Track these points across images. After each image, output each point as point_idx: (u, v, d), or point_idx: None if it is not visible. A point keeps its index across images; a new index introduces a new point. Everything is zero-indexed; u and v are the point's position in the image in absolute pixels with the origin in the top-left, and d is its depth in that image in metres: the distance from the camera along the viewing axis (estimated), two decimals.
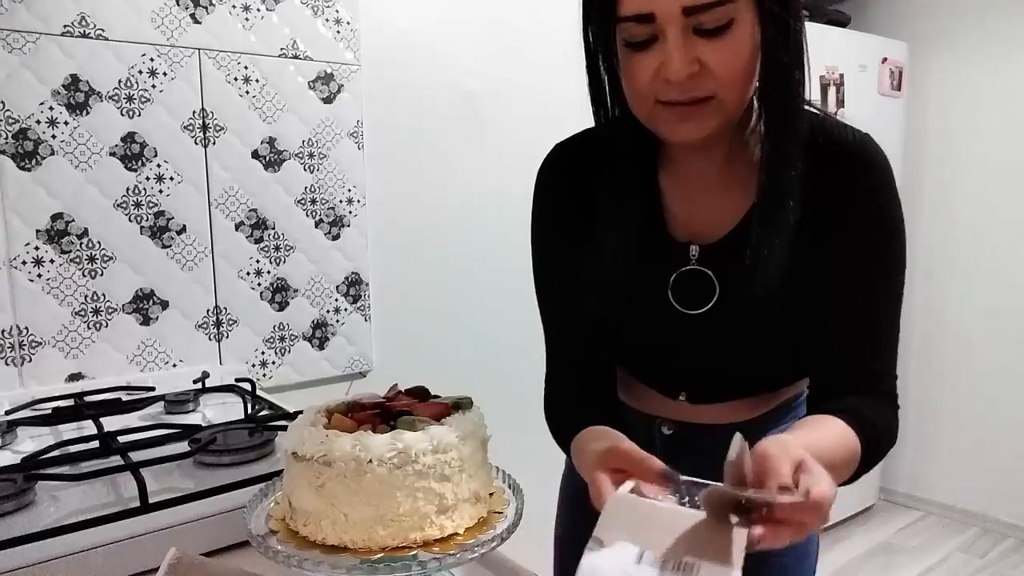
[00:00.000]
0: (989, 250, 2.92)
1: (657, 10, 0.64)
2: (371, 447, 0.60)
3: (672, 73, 0.65)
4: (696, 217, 0.79)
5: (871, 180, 0.73)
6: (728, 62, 0.66)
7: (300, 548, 0.61)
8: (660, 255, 0.78)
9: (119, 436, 1.02)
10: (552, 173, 0.86)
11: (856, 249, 0.73)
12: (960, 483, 3.06)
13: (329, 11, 1.59)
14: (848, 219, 0.73)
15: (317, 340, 1.64)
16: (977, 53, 2.90)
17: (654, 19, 0.65)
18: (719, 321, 0.76)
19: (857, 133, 0.76)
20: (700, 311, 0.76)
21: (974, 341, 2.99)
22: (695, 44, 0.65)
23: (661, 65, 0.66)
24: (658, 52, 0.66)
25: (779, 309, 0.73)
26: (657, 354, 0.82)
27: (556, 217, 0.84)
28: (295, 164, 1.57)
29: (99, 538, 0.74)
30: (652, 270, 0.78)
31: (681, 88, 0.67)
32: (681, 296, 0.77)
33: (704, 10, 0.63)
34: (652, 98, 0.69)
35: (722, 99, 0.68)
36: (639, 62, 0.68)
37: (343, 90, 1.63)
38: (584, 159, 0.83)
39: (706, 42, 0.65)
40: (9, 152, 1.25)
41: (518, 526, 0.65)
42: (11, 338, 1.27)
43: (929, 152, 3.08)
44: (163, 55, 1.39)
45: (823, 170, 0.72)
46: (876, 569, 2.71)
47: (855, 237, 0.73)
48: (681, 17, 0.64)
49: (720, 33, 0.65)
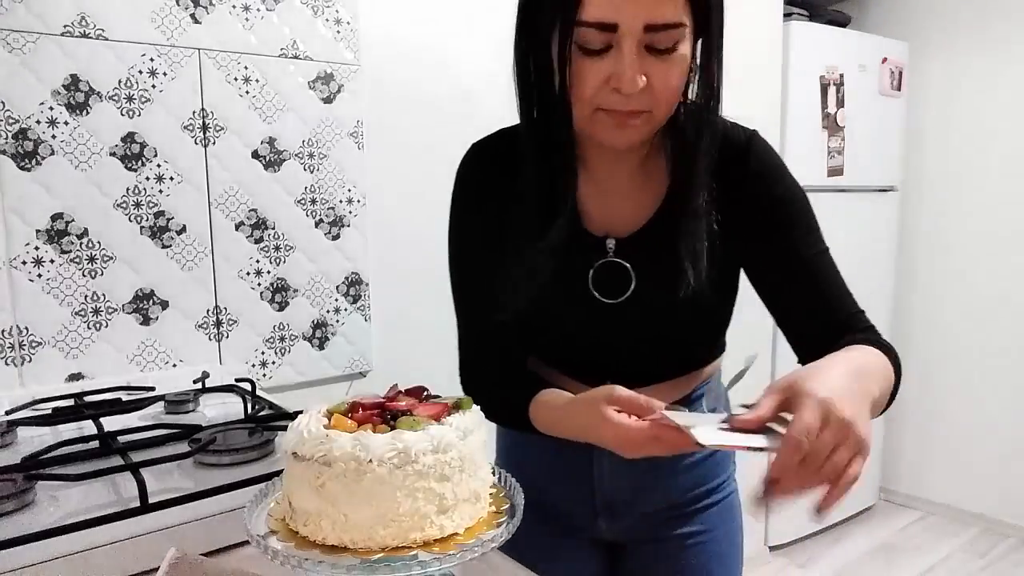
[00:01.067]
0: (989, 250, 2.92)
1: (621, 21, 0.68)
2: (371, 447, 0.59)
3: (625, 85, 0.70)
4: (610, 213, 0.85)
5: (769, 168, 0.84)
6: (668, 81, 0.72)
7: (300, 548, 0.61)
8: (579, 249, 0.83)
9: (119, 436, 1.02)
10: (471, 171, 0.91)
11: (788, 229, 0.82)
12: (960, 483, 3.06)
13: (329, 11, 1.59)
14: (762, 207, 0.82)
15: (317, 340, 1.64)
16: (977, 53, 2.90)
17: (616, 29, 0.69)
18: (637, 308, 0.83)
19: (744, 130, 0.85)
20: (619, 300, 0.83)
21: (974, 341, 2.99)
22: (644, 60, 0.71)
23: (612, 75, 0.71)
24: (610, 61, 0.71)
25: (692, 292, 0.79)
26: (582, 343, 0.87)
27: (475, 213, 0.89)
28: (295, 164, 1.57)
29: (99, 538, 0.75)
30: (572, 263, 0.83)
31: (626, 99, 0.72)
32: (601, 286, 0.83)
33: (662, 30, 0.69)
34: (594, 103, 0.74)
35: (655, 114, 0.75)
36: (590, 68, 0.72)
37: (343, 90, 1.63)
38: (501, 158, 0.88)
39: (653, 60, 0.71)
40: (9, 152, 1.25)
41: (518, 526, 0.65)
42: (11, 338, 1.28)
43: (929, 152, 3.08)
44: (163, 55, 1.39)
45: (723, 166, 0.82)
46: (876, 569, 2.71)
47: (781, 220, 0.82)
48: (641, 32, 0.69)
49: (666, 54, 0.71)
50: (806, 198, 0.85)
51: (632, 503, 0.92)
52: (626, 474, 0.91)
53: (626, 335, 0.85)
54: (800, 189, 0.86)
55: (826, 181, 2.63)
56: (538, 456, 0.93)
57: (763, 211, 0.83)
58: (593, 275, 0.83)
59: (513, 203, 0.84)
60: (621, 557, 0.99)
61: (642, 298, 0.83)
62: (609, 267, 0.83)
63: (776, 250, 0.83)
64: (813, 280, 0.82)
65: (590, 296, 0.84)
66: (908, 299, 3.16)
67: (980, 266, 2.95)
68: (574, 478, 0.93)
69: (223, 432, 1.00)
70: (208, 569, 0.63)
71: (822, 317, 0.81)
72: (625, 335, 0.85)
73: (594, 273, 0.83)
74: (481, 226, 0.88)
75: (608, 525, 0.94)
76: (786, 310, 0.84)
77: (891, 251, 3.03)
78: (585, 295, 0.84)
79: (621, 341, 0.85)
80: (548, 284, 0.82)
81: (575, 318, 0.85)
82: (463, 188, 0.91)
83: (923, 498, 3.18)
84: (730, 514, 0.98)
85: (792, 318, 0.84)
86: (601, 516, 0.94)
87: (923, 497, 3.18)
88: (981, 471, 2.99)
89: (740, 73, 2.52)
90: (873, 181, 2.85)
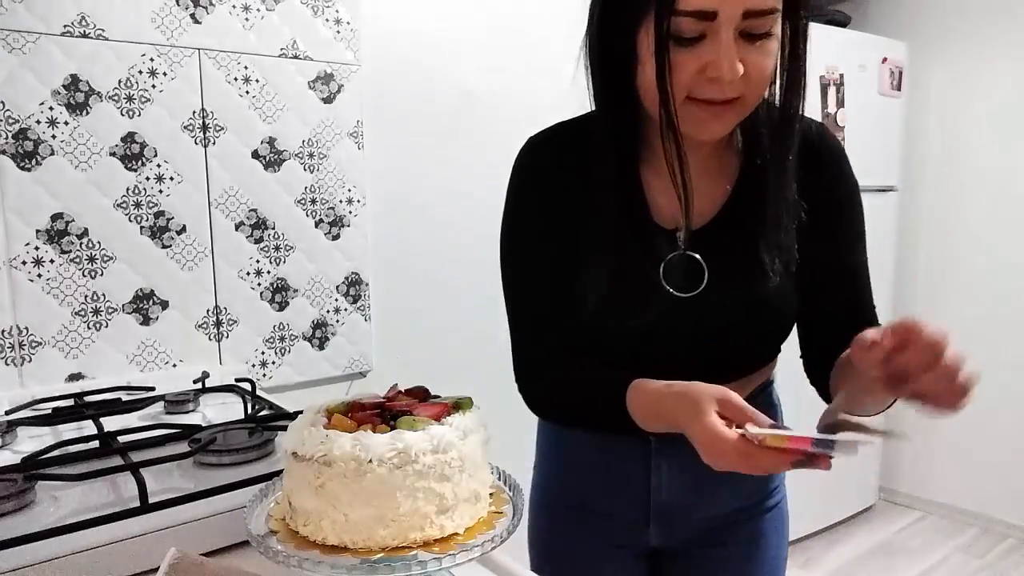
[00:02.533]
0: (989, 250, 2.92)
1: (721, 9, 0.66)
2: (371, 447, 0.60)
3: (726, 72, 0.68)
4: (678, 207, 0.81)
5: (841, 162, 0.85)
6: (762, 67, 0.70)
7: (300, 548, 0.61)
8: (649, 242, 0.81)
9: (119, 436, 1.02)
10: (531, 167, 0.87)
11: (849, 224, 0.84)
12: (960, 483, 3.06)
13: (329, 11, 1.59)
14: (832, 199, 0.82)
15: (317, 340, 1.64)
16: (977, 53, 2.90)
17: (714, 17, 0.67)
18: (709, 302, 0.80)
19: (813, 122, 0.85)
20: (693, 294, 0.80)
21: (974, 341, 2.97)
22: (740, 47, 0.69)
23: (709, 64, 0.69)
24: (706, 49, 0.68)
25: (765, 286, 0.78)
26: (651, 338, 0.83)
27: (536, 210, 0.85)
28: (295, 164, 1.57)
29: (99, 538, 0.74)
30: (642, 257, 0.81)
31: (722, 88, 0.70)
32: (673, 280, 0.80)
33: (759, 15, 0.67)
34: (685, 94, 0.71)
35: (747, 100, 0.73)
36: (685, 58, 0.69)
37: (343, 90, 1.63)
38: (561, 154, 0.85)
39: (748, 46, 0.69)
40: (9, 152, 1.25)
41: (518, 526, 0.65)
42: (11, 338, 1.28)
43: (929, 152, 3.08)
44: (163, 55, 1.39)
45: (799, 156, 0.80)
46: (876, 569, 2.71)
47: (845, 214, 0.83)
48: (739, 18, 0.67)
49: (760, 39, 0.69)
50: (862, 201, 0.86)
51: (688, 510, 0.90)
52: (684, 482, 0.88)
53: (697, 331, 0.81)
54: (859, 190, 0.86)
55: None
56: (591, 460, 0.91)
57: (829, 207, 0.82)
58: (665, 268, 0.80)
59: (580, 197, 0.82)
60: (668, 565, 0.96)
61: (716, 292, 0.80)
62: (680, 260, 0.81)
63: (830, 249, 0.82)
64: (854, 285, 0.84)
65: (662, 290, 0.80)
66: (908, 299, 3.15)
67: (980, 266, 2.95)
68: (629, 484, 0.90)
69: (223, 432, 1.00)
70: (208, 569, 0.63)
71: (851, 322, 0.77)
72: (696, 331, 0.81)
73: (666, 266, 0.80)
74: (543, 223, 0.85)
75: (659, 532, 0.91)
76: (821, 309, 0.84)
77: (891, 251, 3.02)
78: (657, 289, 0.80)
79: (691, 337, 0.82)
80: (619, 278, 0.80)
81: (646, 312, 0.81)
82: (521, 184, 0.87)
83: (923, 498, 3.18)
84: (781, 521, 0.95)
85: (824, 318, 0.84)
86: (654, 523, 0.91)
87: (923, 497, 3.18)
88: (981, 471, 2.99)
89: None
90: (873, 181, 2.84)
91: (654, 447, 0.87)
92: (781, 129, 0.78)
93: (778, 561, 0.95)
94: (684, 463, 0.83)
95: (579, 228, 0.82)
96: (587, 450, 0.92)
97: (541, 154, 0.87)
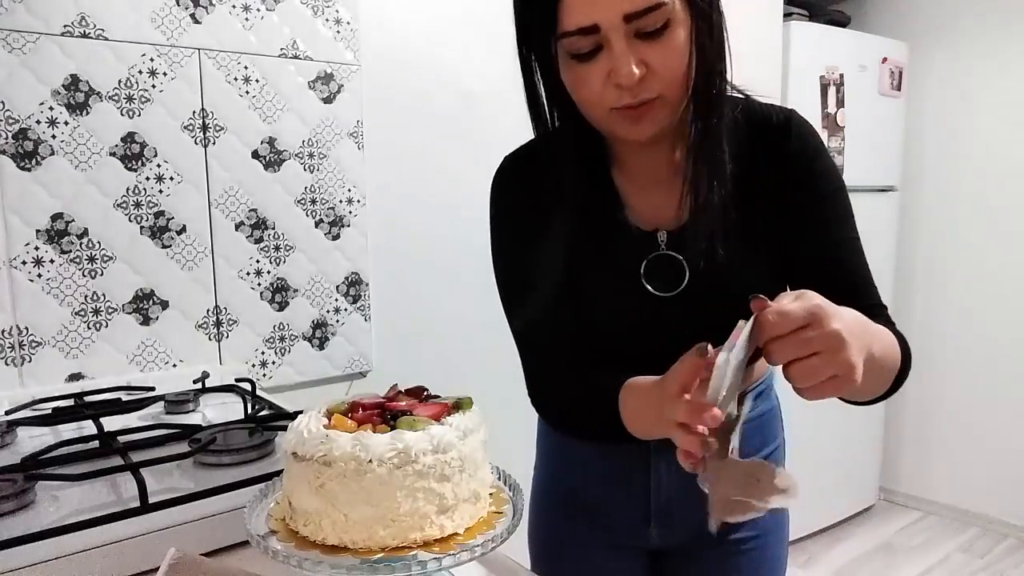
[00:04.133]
0: (989, 250, 2.92)
1: (600, 20, 0.68)
2: (371, 447, 0.60)
3: (623, 78, 0.69)
4: (656, 207, 0.83)
5: (809, 146, 0.82)
6: (669, 61, 0.71)
7: (300, 548, 0.61)
8: (629, 244, 0.82)
9: (119, 436, 1.02)
10: (508, 182, 0.90)
11: (821, 207, 0.81)
12: (960, 483, 3.06)
13: (329, 11, 1.59)
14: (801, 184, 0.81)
15: (317, 340, 1.64)
16: (977, 53, 2.90)
17: (598, 30, 0.68)
18: (691, 301, 0.81)
19: (783, 110, 0.84)
20: (673, 293, 0.82)
21: (974, 341, 2.99)
22: (638, 48, 0.69)
23: (610, 72, 0.70)
24: (604, 61, 0.70)
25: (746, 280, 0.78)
26: (636, 338, 0.85)
27: (517, 221, 0.88)
28: (295, 164, 1.57)
29: (99, 538, 0.74)
30: (623, 258, 0.83)
31: (631, 92, 0.71)
32: (655, 280, 0.82)
33: (643, 15, 0.67)
34: (605, 105, 0.73)
35: (667, 97, 0.73)
36: (588, 73, 0.72)
37: (343, 90, 1.63)
38: (536, 168, 0.87)
39: (648, 45, 0.69)
40: (9, 152, 1.25)
41: (518, 526, 0.65)
42: (11, 338, 1.28)
43: (929, 152, 3.08)
44: (163, 55, 1.39)
45: (757, 147, 0.80)
46: (876, 569, 2.71)
47: (817, 197, 0.81)
48: (623, 24, 0.68)
49: (659, 35, 0.69)
50: (843, 183, 0.84)
51: (688, 510, 0.89)
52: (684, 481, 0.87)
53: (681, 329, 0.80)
54: (838, 172, 0.85)
55: None
56: (591, 460, 0.92)
57: (803, 188, 0.81)
58: (645, 268, 0.82)
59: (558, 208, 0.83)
60: (669, 565, 0.96)
61: (696, 290, 0.81)
62: (660, 260, 0.82)
63: (810, 227, 0.81)
64: (841, 263, 0.81)
65: (643, 290, 0.82)
66: (908, 299, 3.16)
67: (980, 266, 2.95)
68: (629, 483, 0.91)
69: (223, 432, 1.00)
70: (208, 569, 0.63)
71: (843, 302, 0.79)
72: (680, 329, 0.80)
73: (646, 266, 0.82)
74: (526, 235, 0.86)
75: (659, 532, 0.92)
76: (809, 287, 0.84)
77: (891, 251, 3.03)
78: (639, 289, 0.82)
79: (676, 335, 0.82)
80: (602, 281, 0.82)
81: (630, 313, 0.84)
82: (502, 202, 0.90)
83: (923, 498, 3.18)
84: (780, 521, 0.96)
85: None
86: (654, 523, 0.91)
87: (923, 497, 3.18)
88: (981, 471, 2.99)
89: (740, 73, 2.52)
90: (873, 181, 2.85)
91: (652, 447, 0.87)
92: (705, 112, 0.77)
93: (778, 561, 0.96)
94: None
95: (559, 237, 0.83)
96: (587, 450, 0.93)
97: (517, 170, 0.90)
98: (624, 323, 0.84)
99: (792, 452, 1.02)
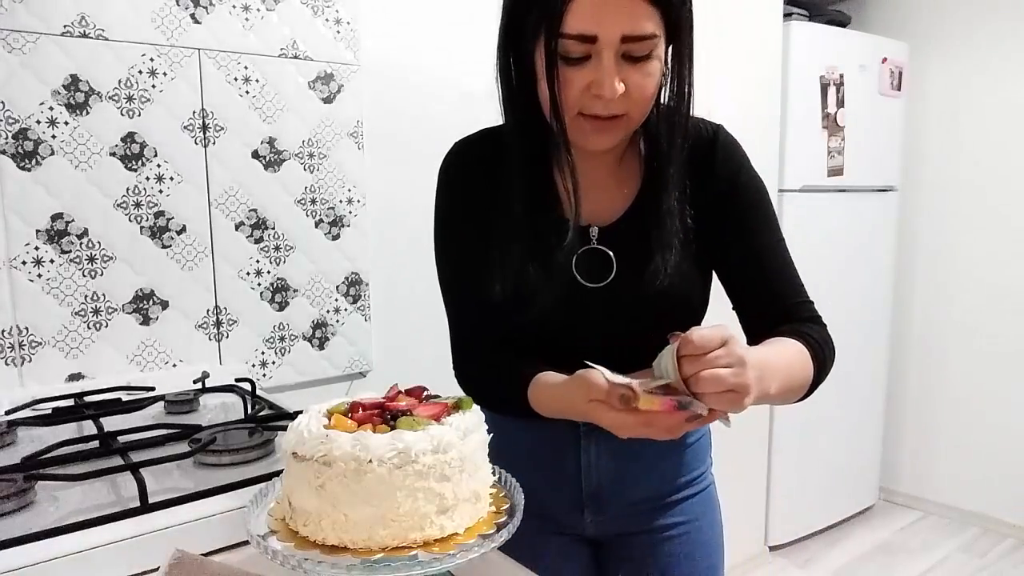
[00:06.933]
0: (989, 250, 2.92)
1: (601, 32, 0.74)
2: (371, 447, 0.60)
3: (606, 91, 0.76)
4: (593, 204, 0.89)
5: (733, 160, 0.91)
6: (643, 87, 0.78)
7: (300, 548, 0.61)
8: (562, 236, 0.87)
9: (119, 436, 1.02)
10: (455, 170, 0.95)
11: (746, 216, 0.91)
12: (960, 483, 3.06)
13: (329, 11, 1.59)
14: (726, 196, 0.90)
15: (317, 340, 1.64)
16: (977, 53, 2.90)
17: (595, 40, 0.75)
18: (617, 293, 0.88)
19: (710, 125, 0.92)
20: (601, 284, 0.88)
21: (974, 341, 2.99)
22: (622, 67, 0.77)
23: (593, 82, 0.77)
24: (590, 70, 0.77)
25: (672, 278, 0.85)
26: (567, 327, 0.89)
27: (460, 210, 0.93)
28: (295, 164, 1.57)
29: (99, 538, 0.74)
30: (558, 249, 0.87)
31: (605, 105, 0.78)
32: (585, 272, 0.88)
33: (637, 40, 0.75)
34: (576, 109, 0.80)
35: (631, 116, 0.81)
36: (572, 76, 0.77)
37: (343, 90, 1.63)
38: (483, 156, 0.93)
39: (630, 67, 0.77)
40: (9, 152, 1.25)
41: (518, 526, 0.65)
42: (11, 338, 1.28)
43: (929, 152, 3.08)
44: (163, 55, 1.39)
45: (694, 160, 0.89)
46: (876, 569, 2.71)
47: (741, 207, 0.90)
48: (618, 43, 0.75)
49: (641, 61, 0.77)
50: (766, 190, 0.93)
51: (618, 493, 0.94)
52: (612, 463, 0.93)
53: (608, 319, 0.88)
54: (761, 182, 0.93)
55: (826, 181, 2.63)
56: (523, 446, 0.94)
57: (727, 197, 0.90)
58: (577, 260, 0.88)
59: (499, 199, 0.88)
60: (606, 553, 1.00)
61: (622, 284, 0.88)
62: (593, 254, 0.89)
63: (735, 233, 0.90)
64: (765, 266, 0.90)
65: (574, 280, 0.88)
66: (907, 299, 3.16)
67: (980, 266, 2.95)
68: (561, 469, 0.94)
69: (223, 432, 1.00)
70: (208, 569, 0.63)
71: (769, 301, 0.89)
72: (607, 319, 0.88)
73: (578, 259, 0.88)
74: (467, 222, 0.92)
75: (593, 518, 0.96)
76: (739, 292, 0.92)
77: (890, 251, 3.02)
78: (570, 280, 0.88)
79: (603, 326, 0.89)
80: (536, 271, 0.86)
81: (560, 302, 0.88)
82: (448, 186, 0.95)
83: (923, 498, 3.18)
84: (710, 504, 1.01)
85: (743, 300, 0.92)
86: (587, 508, 0.95)
87: (923, 497, 3.18)
88: (981, 471, 2.99)
89: (740, 73, 2.52)
90: (873, 181, 2.85)
91: (583, 430, 0.91)
92: (669, 138, 0.86)
93: (712, 547, 1.01)
94: (612, 447, 0.91)
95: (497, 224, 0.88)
96: (520, 435, 0.94)
97: (465, 156, 0.95)
98: (554, 310, 0.89)
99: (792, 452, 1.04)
